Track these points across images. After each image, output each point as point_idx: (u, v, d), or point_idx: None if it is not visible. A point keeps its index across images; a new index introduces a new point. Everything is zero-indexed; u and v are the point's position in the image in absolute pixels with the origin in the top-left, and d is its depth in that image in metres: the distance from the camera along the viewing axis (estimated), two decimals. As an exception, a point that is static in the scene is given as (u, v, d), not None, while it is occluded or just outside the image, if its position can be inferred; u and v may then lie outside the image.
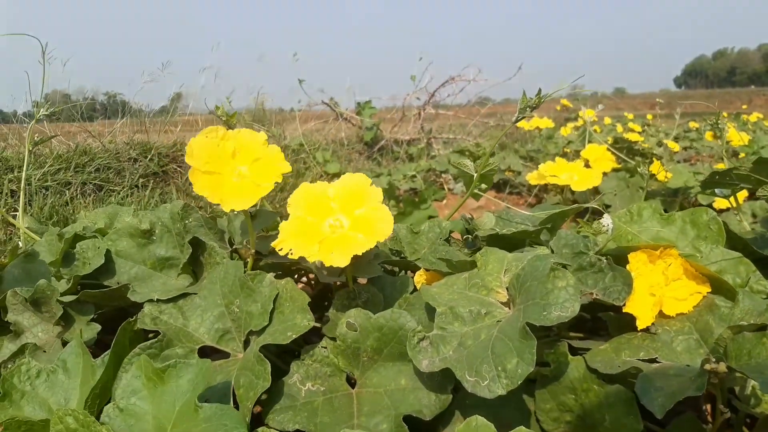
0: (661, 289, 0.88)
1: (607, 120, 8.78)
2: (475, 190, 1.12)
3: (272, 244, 0.84)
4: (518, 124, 3.76)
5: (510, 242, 1.08)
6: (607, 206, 2.71)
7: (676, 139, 6.84)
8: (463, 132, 5.55)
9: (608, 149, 2.78)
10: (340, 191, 0.90)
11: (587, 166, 2.69)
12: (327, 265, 0.80)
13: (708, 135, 6.86)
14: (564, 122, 8.07)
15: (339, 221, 0.87)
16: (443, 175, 3.82)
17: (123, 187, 3.07)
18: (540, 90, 0.99)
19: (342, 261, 0.80)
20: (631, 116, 11.07)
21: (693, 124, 10.14)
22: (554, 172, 1.40)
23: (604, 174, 2.75)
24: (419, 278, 1.01)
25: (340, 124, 5.77)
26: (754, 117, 8.77)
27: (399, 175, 3.83)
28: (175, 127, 4.38)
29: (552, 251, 0.96)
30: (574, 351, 0.85)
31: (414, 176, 3.75)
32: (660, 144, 3.52)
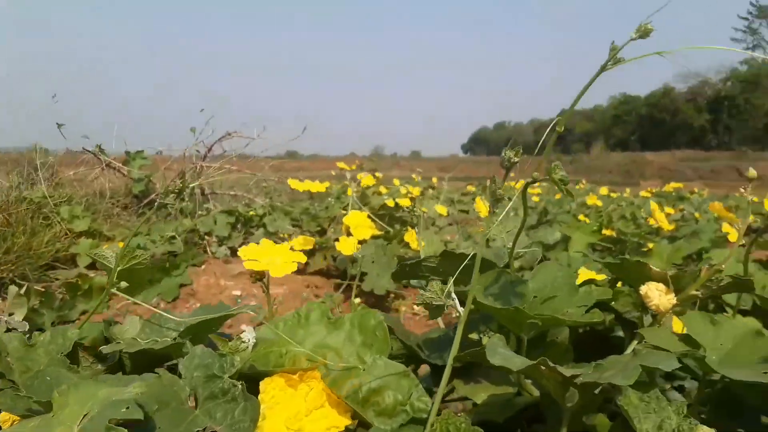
0: (301, 420, 0.73)
1: (396, 181, 9.22)
2: (113, 289, 0.89)
3: None
4: (292, 186, 3.65)
5: (153, 358, 0.86)
6: (364, 274, 2.67)
7: (451, 202, 7.38)
8: (243, 188, 5.32)
9: (369, 216, 2.76)
10: None
11: (348, 233, 2.63)
12: None
13: (478, 200, 7.48)
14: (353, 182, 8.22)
15: None
16: (207, 237, 3.53)
17: None
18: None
19: None
20: (417, 178, 11.76)
21: (470, 188, 11.16)
22: (254, 255, 1.23)
23: (364, 241, 2.72)
24: (5, 418, 0.74)
25: (107, 174, 5.19)
26: (519, 184, 9.90)
27: (156, 236, 3.46)
28: None
29: (180, 375, 0.76)
30: None
31: (173, 237, 3.40)
32: (418, 210, 3.63)
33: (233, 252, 3.43)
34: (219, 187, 5.63)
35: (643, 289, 0.86)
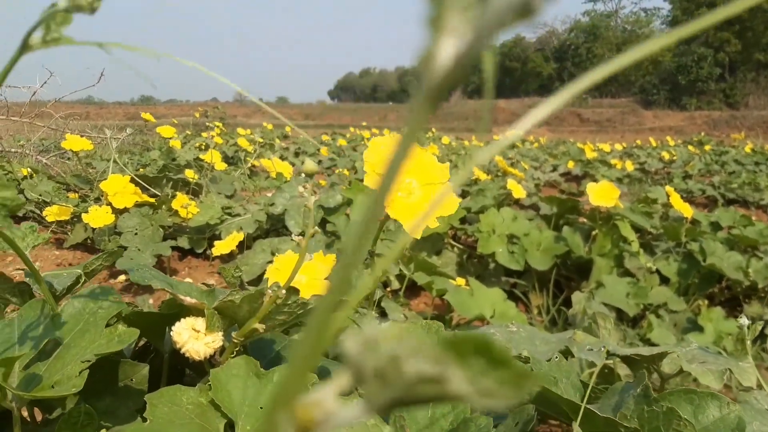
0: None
1: (241, 130, 8.64)
2: None
3: None
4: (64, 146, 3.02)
5: None
6: (124, 248, 2.21)
7: (296, 154, 6.99)
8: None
9: (133, 180, 2.30)
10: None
11: (108, 203, 2.18)
12: None
13: (324, 151, 7.11)
14: (202, 130, 7.74)
15: None
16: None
17: None
18: None
19: None
20: (270, 126, 11.29)
21: (325, 137, 10.77)
22: None
23: (125, 210, 2.26)
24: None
25: None
26: (367, 134, 9.72)
27: None
28: None
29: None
30: None
31: None
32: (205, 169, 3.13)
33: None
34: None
35: (173, 330, 0.57)
